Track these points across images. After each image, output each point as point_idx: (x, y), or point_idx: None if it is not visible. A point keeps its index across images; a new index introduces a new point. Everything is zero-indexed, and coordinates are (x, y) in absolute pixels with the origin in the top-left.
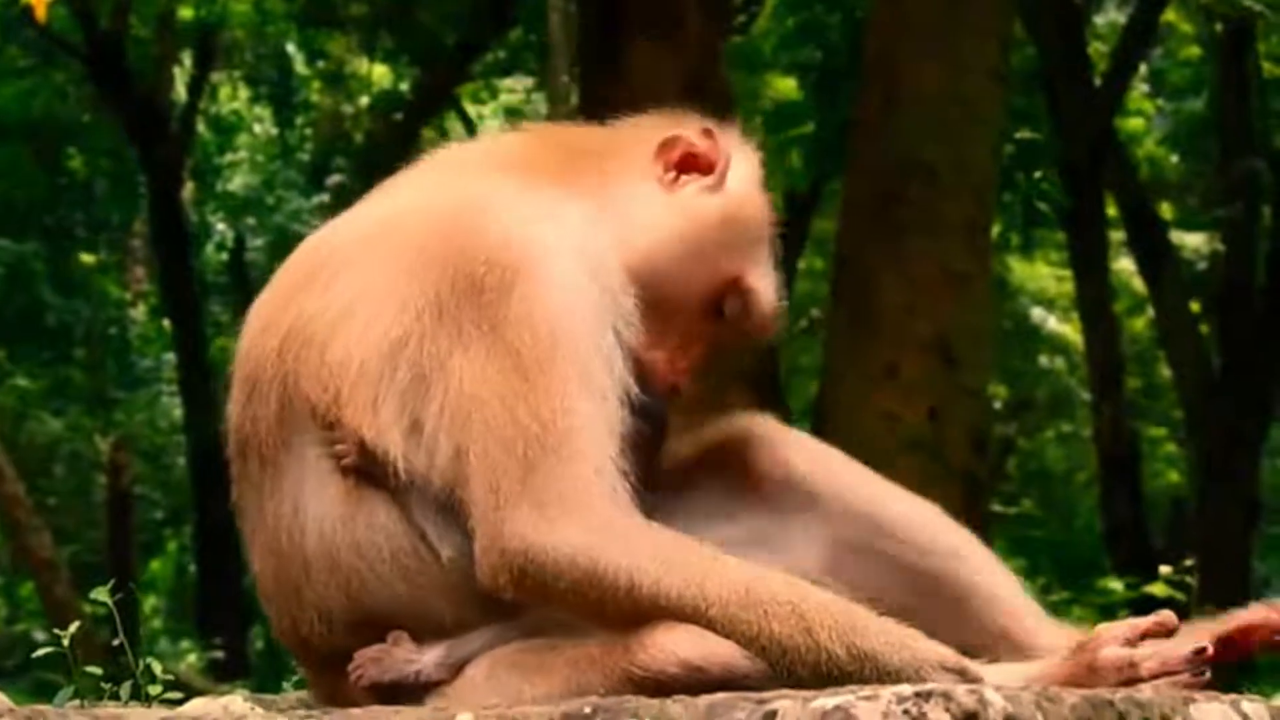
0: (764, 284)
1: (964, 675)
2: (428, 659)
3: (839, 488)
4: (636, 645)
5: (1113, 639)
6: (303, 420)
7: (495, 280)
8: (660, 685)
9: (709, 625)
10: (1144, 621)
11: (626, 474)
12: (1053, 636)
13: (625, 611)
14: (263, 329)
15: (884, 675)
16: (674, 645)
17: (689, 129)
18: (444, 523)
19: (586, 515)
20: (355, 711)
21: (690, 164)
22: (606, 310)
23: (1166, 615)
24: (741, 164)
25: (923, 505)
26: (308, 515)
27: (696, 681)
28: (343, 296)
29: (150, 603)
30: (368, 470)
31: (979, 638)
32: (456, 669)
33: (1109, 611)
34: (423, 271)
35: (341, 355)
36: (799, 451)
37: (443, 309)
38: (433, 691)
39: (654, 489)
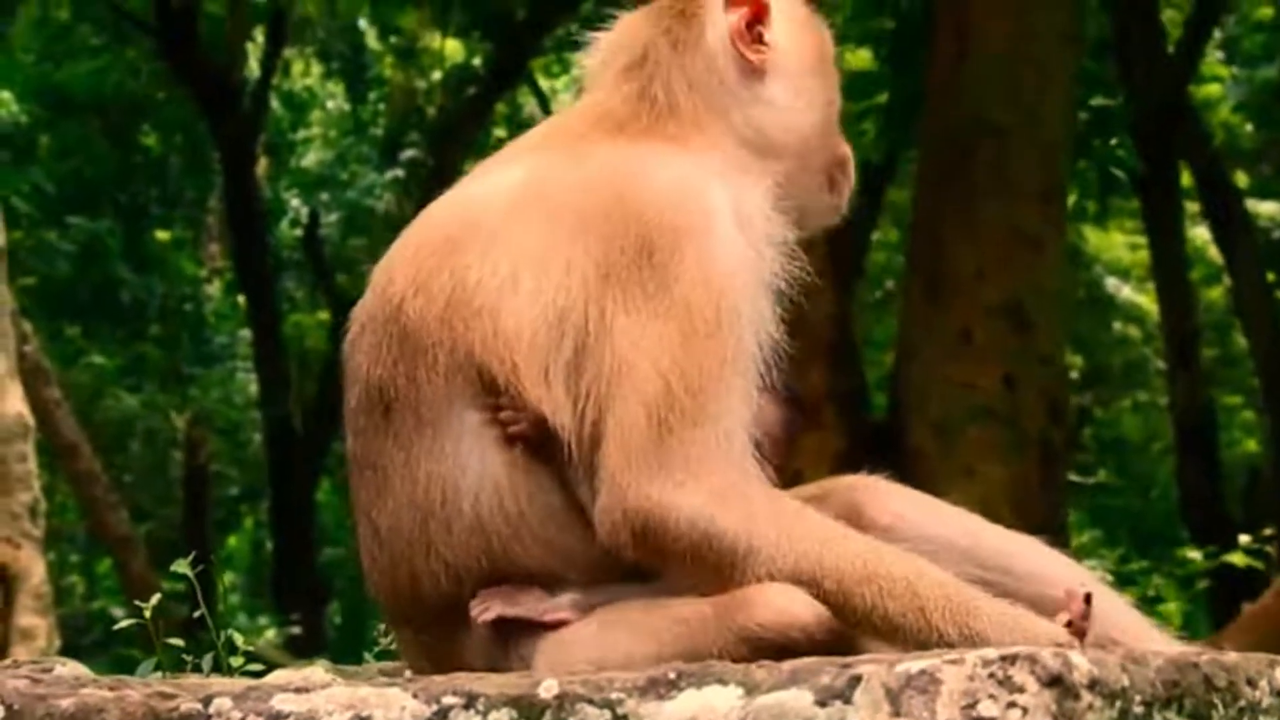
0: (848, 152)
1: None
2: (560, 599)
3: (944, 529)
4: (761, 605)
5: None
6: (471, 386)
7: (666, 241)
8: (780, 648)
9: (822, 597)
10: None
11: (759, 444)
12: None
13: (739, 577)
14: (414, 290)
15: None
16: (798, 609)
17: None
18: None
19: (711, 479)
20: (438, 678)
21: (753, 24)
22: (764, 268)
23: None
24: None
25: (1020, 538)
26: (466, 478)
27: (815, 647)
28: (504, 263)
29: (227, 579)
30: (536, 442)
31: None
32: (585, 611)
33: (1188, 582)
34: (584, 234)
35: (513, 326)
36: (904, 498)
37: (610, 270)
38: (546, 636)
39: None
